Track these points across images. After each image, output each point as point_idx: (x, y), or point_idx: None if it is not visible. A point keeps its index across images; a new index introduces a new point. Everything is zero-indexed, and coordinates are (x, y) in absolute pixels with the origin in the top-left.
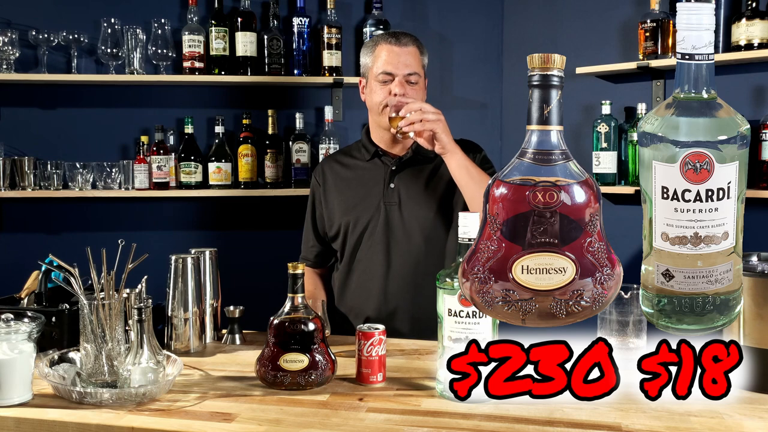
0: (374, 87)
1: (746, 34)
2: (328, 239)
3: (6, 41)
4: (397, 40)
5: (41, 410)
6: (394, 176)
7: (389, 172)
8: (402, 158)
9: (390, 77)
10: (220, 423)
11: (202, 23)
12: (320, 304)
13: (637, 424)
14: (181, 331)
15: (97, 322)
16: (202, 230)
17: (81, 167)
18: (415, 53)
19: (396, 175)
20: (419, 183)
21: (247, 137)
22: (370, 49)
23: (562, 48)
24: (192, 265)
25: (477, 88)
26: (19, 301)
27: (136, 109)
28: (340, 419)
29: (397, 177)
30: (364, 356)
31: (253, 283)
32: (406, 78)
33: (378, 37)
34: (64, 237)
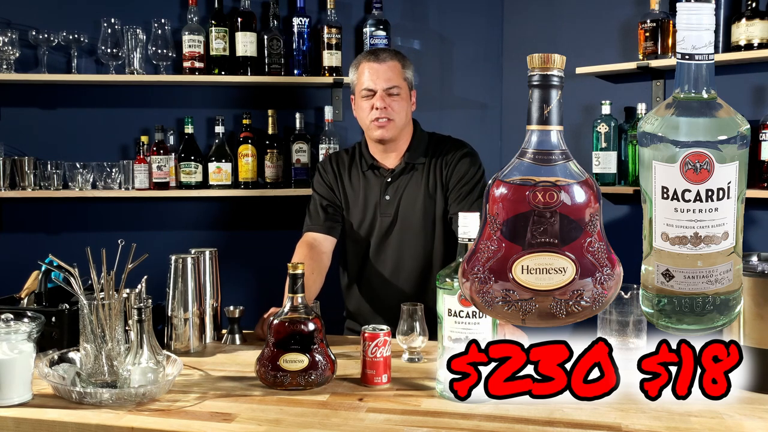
0: (360, 103)
1: (746, 34)
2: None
3: (6, 41)
4: (376, 57)
5: (41, 410)
6: (388, 188)
7: (384, 184)
8: (394, 170)
9: (371, 93)
10: (220, 423)
11: (202, 23)
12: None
13: (637, 424)
14: (181, 331)
15: (97, 322)
16: (202, 230)
17: (81, 167)
18: (395, 67)
19: (389, 187)
20: (412, 192)
21: (247, 137)
22: (354, 68)
23: (562, 48)
24: (192, 265)
25: (477, 88)
26: (19, 301)
27: (136, 109)
28: (340, 419)
29: (391, 188)
30: (369, 357)
31: (253, 283)
32: (387, 91)
33: (361, 56)
34: (64, 237)
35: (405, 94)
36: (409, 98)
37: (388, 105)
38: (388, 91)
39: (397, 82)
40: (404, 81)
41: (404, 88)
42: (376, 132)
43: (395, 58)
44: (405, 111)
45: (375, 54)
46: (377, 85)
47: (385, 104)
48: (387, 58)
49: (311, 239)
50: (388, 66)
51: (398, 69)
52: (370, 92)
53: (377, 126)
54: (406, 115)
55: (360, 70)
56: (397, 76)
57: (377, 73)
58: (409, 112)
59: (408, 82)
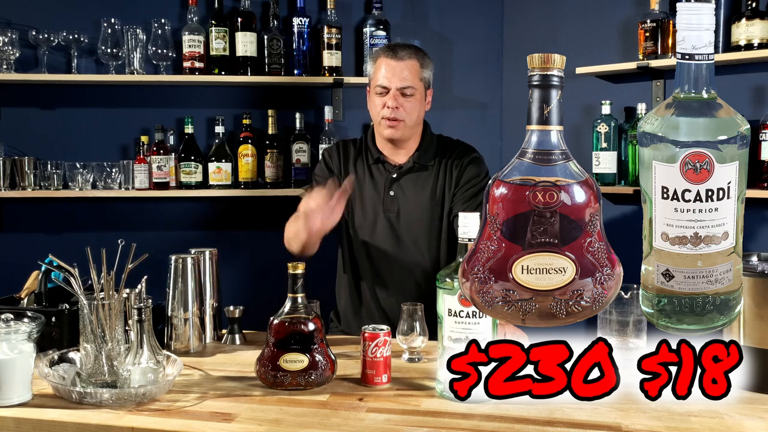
0: (373, 98)
1: (746, 34)
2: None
3: (6, 41)
4: (394, 54)
5: (41, 410)
6: (393, 184)
7: (389, 180)
8: (402, 166)
9: (385, 90)
10: (220, 423)
11: (202, 23)
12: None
13: (637, 424)
14: (181, 331)
15: (97, 322)
16: (202, 230)
17: (81, 167)
18: (412, 66)
19: (395, 183)
20: (418, 191)
21: (247, 137)
22: (372, 61)
23: (562, 48)
24: (192, 265)
25: (477, 88)
26: (19, 301)
27: (136, 109)
28: (340, 419)
29: (396, 185)
30: (369, 357)
31: (253, 283)
32: (401, 91)
33: (380, 49)
34: (64, 237)
35: (419, 95)
36: (424, 98)
37: (401, 105)
38: (402, 90)
39: (413, 82)
40: (420, 81)
41: (419, 89)
42: (386, 131)
43: (414, 56)
44: (417, 112)
45: (394, 50)
46: (392, 83)
47: (397, 104)
48: (405, 56)
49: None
50: (405, 65)
51: (416, 68)
52: (384, 89)
53: (387, 125)
54: (418, 115)
55: (377, 64)
56: (413, 75)
57: (393, 70)
58: (421, 112)
59: (425, 82)
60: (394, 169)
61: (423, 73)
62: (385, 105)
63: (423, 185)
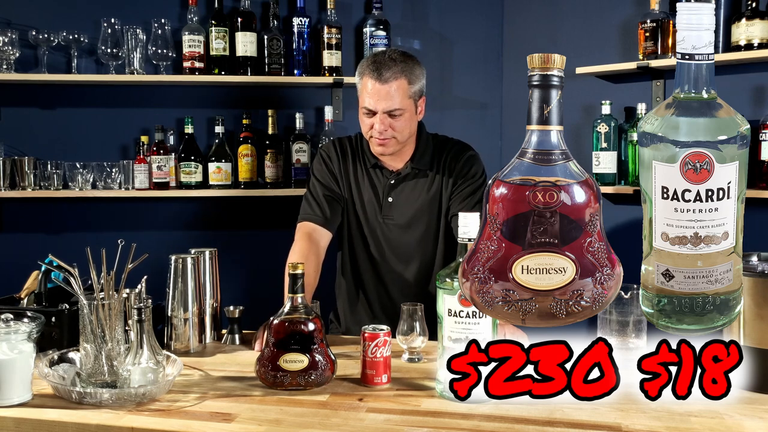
0: (361, 115)
1: (746, 34)
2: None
3: (6, 41)
4: (379, 75)
5: (41, 410)
6: (392, 191)
7: (387, 186)
8: (400, 173)
9: (372, 113)
10: (220, 423)
11: (202, 23)
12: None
13: (637, 424)
14: (181, 331)
15: (96, 322)
16: (202, 230)
17: (81, 167)
18: (399, 86)
19: (393, 190)
20: (415, 195)
21: (247, 137)
22: (359, 76)
23: (562, 48)
24: (192, 265)
25: (477, 88)
26: (19, 301)
27: (136, 109)
28: (340, 419)
29: (394, 191)
30: (369, 357)
31: (253, 283)
32: (388, 113)
33: (365, 65)
34: (64, 237)
35: (409, 113)
36: (415, 111)
37: (389, 126)
38: (390, 113)
39: (401, 103)
40: (409, 99)
41: (408, 107)
42: (377, 148)
43: (401, 74)
44: (408, 128)
45: (379, 71)
46: (378, 106)
47: (385, 126)
48: (391, 78)
49: (310, 230)
50: (390, 87)
51: (403, 88)
52: (370, 112)
53: (377, 143)
54: (409, 131)
55: (363, 83)
56: (401, 96)
57: (379, 94)
58: (414, 124)
59: (414, 97)
60: (392, 175)
61: (412, 89)
62: (373, 126)
63: (420, 189)
